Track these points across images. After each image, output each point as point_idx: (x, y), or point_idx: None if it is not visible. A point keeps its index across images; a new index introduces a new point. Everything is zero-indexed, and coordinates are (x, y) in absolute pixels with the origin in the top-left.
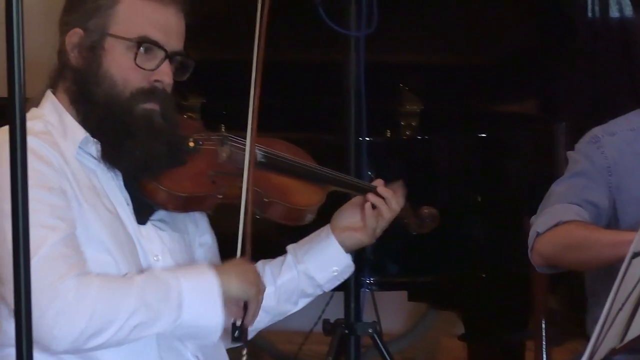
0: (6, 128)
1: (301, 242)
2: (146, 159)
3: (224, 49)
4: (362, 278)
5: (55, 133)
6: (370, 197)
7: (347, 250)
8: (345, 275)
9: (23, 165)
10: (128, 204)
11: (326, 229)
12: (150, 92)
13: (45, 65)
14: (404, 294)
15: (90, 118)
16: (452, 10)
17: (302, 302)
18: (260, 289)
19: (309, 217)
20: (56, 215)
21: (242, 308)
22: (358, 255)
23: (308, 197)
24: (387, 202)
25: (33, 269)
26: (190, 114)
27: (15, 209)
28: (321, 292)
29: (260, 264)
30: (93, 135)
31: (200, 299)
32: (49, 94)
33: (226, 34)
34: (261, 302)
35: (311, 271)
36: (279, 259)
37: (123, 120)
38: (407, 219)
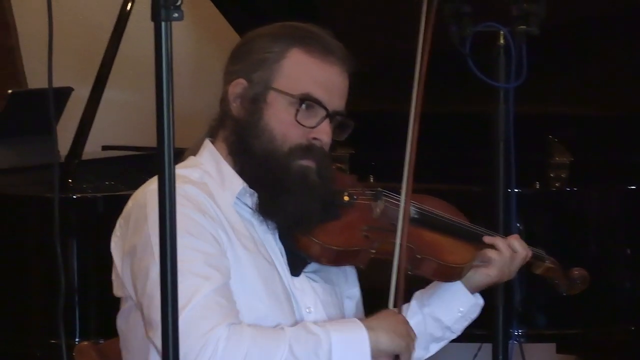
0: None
1: (428, 286)
2: (299, 215)
3: (372, 100)
4: (511, 330)
5: (213, 183)
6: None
7: (475, 289)
8: (473, 315)
9: (171, 215)
10: (282, 256)
11: None
12: (307, 149)
13: (193, 117)
14: (552, 346)
15: (247, 169)
16: (601, 61)
17: (434, 347)
18: (411, 340)
19: (462, 275)
20: (210, 264)
21: None
22: (507, 306)
23: (461, 255)
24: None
25: (186, 318)
26: (339, 165)
27: (163, 257)
28: (452, 335)
29: None
30: (250, 186)
31: (349, 354)
32: (207, 142)
33: (374, 86)
34: (413, 354)
35: (437, 313)
36: (404, 305)
37: (279, 175)
38: (558, 280)
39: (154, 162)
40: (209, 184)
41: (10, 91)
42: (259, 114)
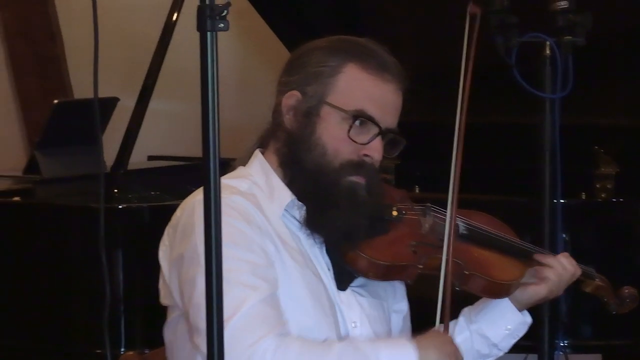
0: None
1: (476, 303)
2: (347, 230)
3: (419, 111)
4: (557, 341)
5: (261, 194)
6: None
7: (523, 306)
8: (520, 333)
9: (217, 225)
10: (329, 270)
11: None
12: (358, 166)
13: (239, 128)
14: (598, 357)
15: (297, 182)
16: None
17: None
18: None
19: (509, 292)
20: (257, 275)
21: None
22: (552, 317)
23: (509, 271)
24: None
25: (232, 329)
26: (385, 175)
27: (209, 267)
28: (499, 353)
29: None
30: (299, 199)
31: None
32: (257, 153)
33: (420, 97)
34: None
35: (484, 330)
36: (452, 322)
37: (328, 189)
38: (607, 298)
39: (200, 172)
40: (258, 196)
41: (56, 101)
42: (312, 127)
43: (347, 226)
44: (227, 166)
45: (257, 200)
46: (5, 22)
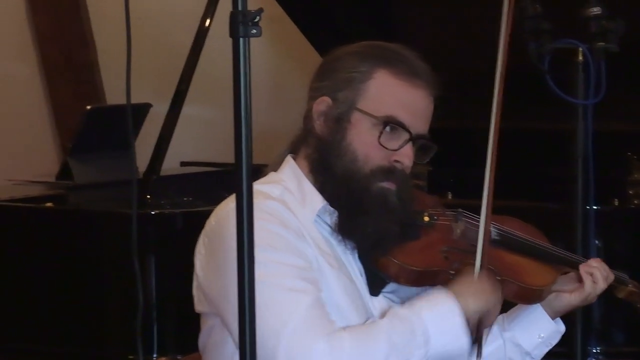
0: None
1: (509, 311)
2: (378, 236)
3: (451, 117)
4: (589, 347)
5: (293, 200)
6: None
7: (556, 314)
8: (554, 341)
9: (249, 231)
10: (362, 275)
11: None
12: (389, 172)
13: (271, 133)
14: None
15: (328, 188)
16: None
17: None
18: (497, 294)
19: (542, 297)
20: (302, 277)
21: (476, 321)
22: (585, 324)
23: (542, 277)
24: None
25: (288, 337)
26: (417, 182)
27: (241, 274)
28: None
29: None
30: (330, 204)
31: (445, 328)
32: (289, 159)
33: (452, 103)
34: (497, 311)
35: (517, 338)
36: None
37: (359, 196)
38: None
39: (232, 178)
40: (289, 201)
41: (88, 107)
42: (342, 133)
43: (378, 232)
44: (259, 172)
45: (289, 206)
46: (37, 27)
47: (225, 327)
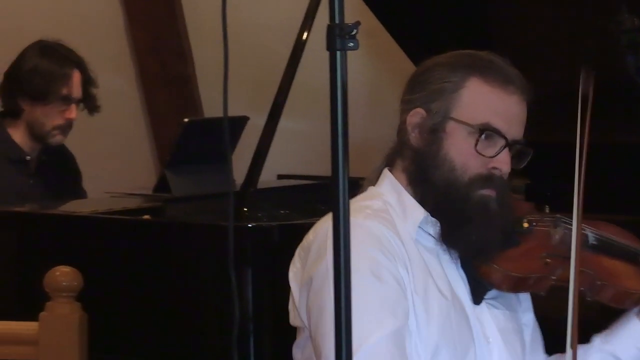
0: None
1: (608, 329)
2: (481, 244)
3: (549, 131)
4: None
5: (394, 214)
6: None
7: None
8: None
9: (346, 246)
10: (465, 284)
11: None
12: (487, 179)
13: (368, 147)
14: None
15: (428, 199)
16: None
17: None
18: None
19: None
20: (386, 308)
21: None
22: None
23: (639, 280)
24: None
25: (361, 357)
26: (515, 196)
27: (337, 291)
28: None
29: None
30: (432, 215)
31: None
32: (386, 172)
33: (550, 117)
34: None
35: (616, 351)
36: (585, 345)
37: (460, 205)
38: None
39: (329, 191)
40: (391, 216)
41: (186, 120)
42: (439, 144)
43: (482, 240)
44: (356, 185)
45: (392, 219)
46: (135, 41)
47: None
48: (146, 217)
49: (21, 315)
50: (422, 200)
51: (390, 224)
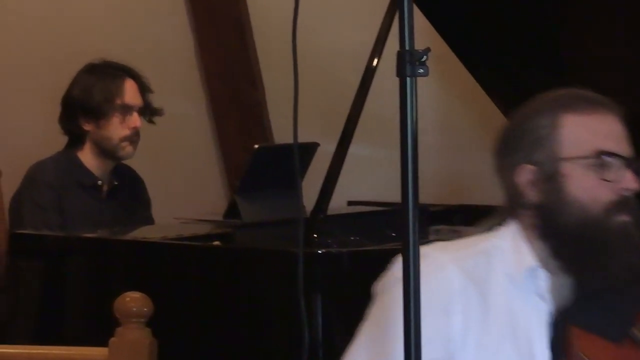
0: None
1: None
2: (630, 271)
3: None
4: None
5: (499, 254)
6: None
7: None
8: None
9: (415, 275)
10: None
11: None
12: (622, 204)
13: (438, 175)
14: None
15: (564, 248)
16: None
17: None
18: None
19: None
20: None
21: None
22: None
23: None
24: None
25: None
26: None
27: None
28: None
29: None
30: (568, 263)
31: None
32: (511, 224)
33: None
34: None
35: None
36: None
37: (602, 239)
38: None
39: (399, 218)
40: (493, 254)
41: (256, 146)
42: (560, 189)
43: (624, 269)
44: (426, 212)
45: (488, 262)
46: (206, 67)
47: None
48: (216, 243)
49: (91, 341)
50: (557, 253)
51: (483, 265)
